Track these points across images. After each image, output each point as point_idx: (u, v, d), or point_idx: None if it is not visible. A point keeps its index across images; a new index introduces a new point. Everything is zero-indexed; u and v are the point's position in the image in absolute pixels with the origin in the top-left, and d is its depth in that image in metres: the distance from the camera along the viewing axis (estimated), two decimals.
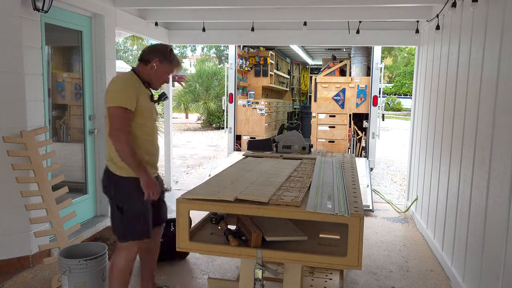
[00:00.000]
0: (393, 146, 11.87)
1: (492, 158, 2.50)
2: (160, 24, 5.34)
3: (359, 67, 7.46)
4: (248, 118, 7.54)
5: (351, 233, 1.67)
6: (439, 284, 3.22)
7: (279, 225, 2.01)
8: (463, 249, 2.98)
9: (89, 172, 4.19)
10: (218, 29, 5.52)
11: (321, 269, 2.84)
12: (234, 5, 4.24)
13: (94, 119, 4.21)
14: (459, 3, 3.28)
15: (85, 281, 2.61)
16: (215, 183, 2.21)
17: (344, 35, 5.21)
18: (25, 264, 3.26)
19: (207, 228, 2.14)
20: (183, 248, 1.89)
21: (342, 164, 2.94)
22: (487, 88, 2.66)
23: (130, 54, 35.34)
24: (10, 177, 3.11)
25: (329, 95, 7.20)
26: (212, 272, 3.32)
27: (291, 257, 1.76)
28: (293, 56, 11.38)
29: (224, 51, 28.79)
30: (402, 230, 4.49)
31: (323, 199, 1.86)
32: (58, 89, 4.01)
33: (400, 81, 31.52)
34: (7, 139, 3.04)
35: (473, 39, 2.98)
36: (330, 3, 4.16)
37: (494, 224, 2.44)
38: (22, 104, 3.15)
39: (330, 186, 2.11)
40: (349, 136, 7.16)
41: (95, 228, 4.08)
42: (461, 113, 3.18)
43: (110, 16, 4.23)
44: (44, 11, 3.19)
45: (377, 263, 3.57)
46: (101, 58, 4.17)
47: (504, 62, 2.40)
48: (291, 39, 5.70)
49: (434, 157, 3.99)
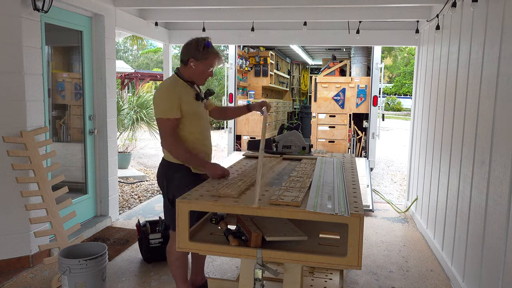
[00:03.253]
0: (393, 146, 11.88)
1: (492, 158, 2.50)
2: (160, 24, 5.35)
3: (359, 67, 7.46)
4: (248, 118, 7.54)
5: (351, 233, 1.66)
6: (439, 284, 3.22)
7: (279, 225, 2.01)
8: (463, 249, 2.98)
9: (89, 172, 4.19)
10: (218, 29, 5.52)
11: (321, 269, 2.84)
12: (234, 5, 4.24)
13: (94, 119, 4.21)
14: (459, 3, 3.28)
15: (85, 281, 2.61)
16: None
17: (344, 35, 5.22)
18: (25, 264, 3.26)
19: (207, 228, 2.14)
20: (183, 248, 1.89)
21: (343, 164, 2.94)
22: (487, 88, 2.66)
23: (130, 54, 35.33)
24: (10, 177, 3.11)
25: (329, 95, 7.20)
26: (212, 272, 3.32)
27: (291, 257, 1.76)
28: (293, 56, 11.38)
29: (224, 51, 28.78)
30: (402, 230, 4.49)
31: (323, 199, 1.86)
32: (58, 89, 4.01)
33: (400, 81, 31.53)
34: (7, 139, 3.04)
35: (473, 39, 2.98)
36: (330, 3, 4.16)
37: (494, 224, 2.44)
38: (22, 104, 3.15)
39: (330, 186, 2.11)
40: (349, 136, 7.16)
41: (95, 228, 4.08)
42: (461, 113, 3.18)
43: (110, 16, 4.23)
44: (44, 11, 3.19)
45: (377, 263, 3.57)
46: (101, 58, 4.17)
47: (504, 62, 2.40)
48: (291, 39, 5.70)
49: (434, 157, 3.99)
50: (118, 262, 3.45)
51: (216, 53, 2.46)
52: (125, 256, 3.58)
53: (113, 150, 4.41)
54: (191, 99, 2.43)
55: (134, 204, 5.31)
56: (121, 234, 4.09)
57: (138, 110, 7.93)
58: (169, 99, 2.35)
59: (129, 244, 3.84)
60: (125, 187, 6.16)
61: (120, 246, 3.79)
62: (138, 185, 6.33)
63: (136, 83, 14.48)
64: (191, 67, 2.42)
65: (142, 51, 32.99)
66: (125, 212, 4.93)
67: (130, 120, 7.77)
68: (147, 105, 8.09)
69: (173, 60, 6.26)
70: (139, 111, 7.92)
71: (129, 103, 8.24)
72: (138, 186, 6.27)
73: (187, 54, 2.43)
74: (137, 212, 4.93)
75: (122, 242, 3.89)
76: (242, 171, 2.56)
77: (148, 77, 15.44)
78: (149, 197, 5.67)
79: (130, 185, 6.30)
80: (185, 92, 2.41)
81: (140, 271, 3.31)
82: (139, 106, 7.98)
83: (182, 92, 2.40)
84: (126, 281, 3.13)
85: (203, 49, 2.41)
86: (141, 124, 8.00)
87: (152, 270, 3.31)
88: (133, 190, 5.96)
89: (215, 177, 2.35)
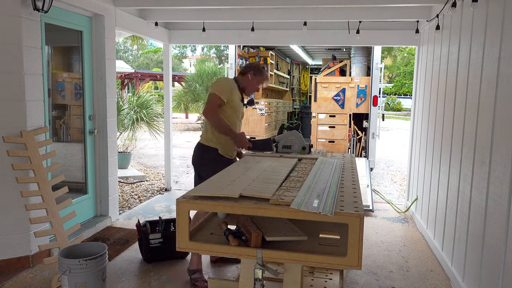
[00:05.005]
0: (393, 146, 11.88)
1: (492, 158, 2.50)
2: (160, 24, 5.34)
3: (359, 67, 7.46)
4: (248, 118, 7.54)
5: (351, 233, 1.66)
6: (439, 284, 3.22)
7: (279, 225, 2.01)
8: (463, 249, 2.98)
9: (89, 172, 4.19)
10: (218, 29, 5.52)
11: (321, 269, 2.84)
12: (234, 5, 4.24)
13: (94, 119, 4.21)
14: (459, 3, 3.28)
15: (85, 281, 2.61)
16: (216, 182, 2.21)
17: (344, 35, 5.21)
18: (25, 264, 3.26)
19: (207, 228, 2.14)
20: (183, 248, 1.89)
21: (342, 165, 2.94)
22: (487, 88, 2.66)
23: (130, 54, 35.35)
24: (10, 177, 3.11)
25: (329, 95, 7.20)
26: (212, 272, 3.32)
27: (291, 257, 1.76)
28: (293, 56, 11.38)
29: (224, 51, 28.77)
30: (402, 230, 4.49)
31: (311, 198, 1.86)
32: (58, 89, 4.01)
33: (400, 81, 31.54)
34: (7, 139, 3.04)
35: (473, 39, 2.98)
36: (330, 3, 4.16)
37: (494, 224, 2.44)
38: (22, 104, 3.15)
39: (322, 186, 2.11)
40: (349, 136, 7.16)
41: (95, 228, 4.08)
42: (461, 113, 3.18)
43: (110, 16, 4.23)
44: (44, 11, 3.19)
45: (377, 263, 3.57)
46: (101, 58, 4.17)
47: (504, 62, 2.40)
48: (291, 39, 5.70)
49: (434, 157, 3.99)
50: (118, 262, 3.45)
51: (267, 77, 3.23)
52: (125, 256, 3.58)
53: (113, 150, 4.41)
54: (237, 98, 3.12)
55: (134, 204, 5.31)
56: (121, 234, 4.09)
57: (138, 110, 7.93)
58: (226, 86, 3.08)
59: (129, 244, 3.84)
60: (125, 187, 6.16)
61: (120, 246, 3.79)
62: (138, 185, 6.33)
63: (136, 83, 14.49)
64: (248, 78, 3.16)
65: (142, 51, 33.02)
66: (125, 212, 4.93)
67: (130, 120, 7.77)
68: (147, 105, 8.09)
69: (173, 60, 6.26)
70: (139, 111, 7.92)
71: (129, 103, 8.24)
72: (138, 186, 6.27)
73: (249, 69, 3.17)
74: (137, 212, 4.93)
75: (122, 242, 3.89)
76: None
77: (148, 77, 15.45)
78: (149, 197, 5.67)
79: (130, 185, 6.30)
80: (235, 91, 3.12)
81: (140, 271, 3.31)
82: (139, 106, 7.98)
83: (234, 89, 3.12)
84: (126, 281, 3.13)
85: (262, 70, 3.18)
86: (141, 124, 8.00)
87: (152, 270, 3.32)
88: (133, 190, 5.96)
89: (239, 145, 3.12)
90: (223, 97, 3.01)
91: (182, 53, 33.52)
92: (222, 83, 3.12)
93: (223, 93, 3.01)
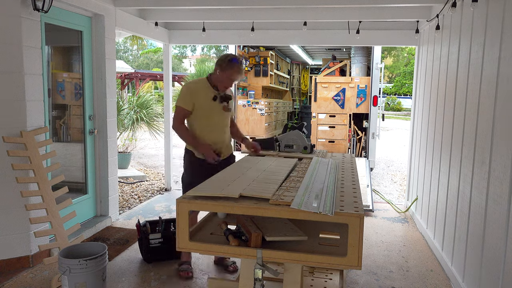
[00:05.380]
0: (393, 146, 11.88)
1: (492, 158, 2.50)
2: (160, 24, 5.34)
3: (359, 67, 7.46)
4: (248, 118, 7.55)
5: (351, 233, 1.66)
6: (439, 284, 3.22)
7: (279, 225, 2.01)
8: (463, 249, 2.98)
9: (89, 172, 4.19)
10: (218, 29, 5.52)
11: (321, 269, 2.84)
12: (234, 5, 4.24)
13: (94, 119, 4.21)
14: (459, 3, 3.28)
15: (85, 281, 2.61)
16: (216, 182, 2.21)
17: (344, 35, 5.21)
18: (25, 264, 3.26)
19: (207, 228, 2.14)
20: (183, 248, 1.89)
21: (342, 164, 2.94)
22: (487, 88, 2.66)
23: (130, 54, 35.33)
24: (10, 177, 3.11)
25: (329, 95, 7.20)
26: (212, 272, 3.33)
27: (291, 257, 1.76)
28: (293, 56, 11.38)
29: (224, 51, 28.79)
30: (402, 230, 4.49)
31: (310, 198, 1.86)
32: (58, 89, 4.01)
33: (400, 81, 31.55)
34: (7, 139, 3.04)
35: (473, 39, 2.98)
36: (330, 3, 4.16)
37: (494, 224, 2.44)
38: (22, 104, 3.15)
39: (320, 186, 2.11)
40: (349, 136, 7.17)
41: (95, 228, 4.08)
42: (461, 113, 3.18)
43: (110, 16, 4.23)
44: (44, 11, 3.19)
45: (377, 263, 3.57)
46: (101, 58, 4.17)
47: (504, 62, 2.40)
48: (291, 39, 5.70)
49: (434, 157, 3.99)
50: (118, 262, 3.45)
51: (239, 70, 2.97)
52: (125, 256, 3.58)
53: (113, 150, 4.41)
54: (207, 99, 3.01)
55: (134, 204, 5.31)
56: (121, 234, 4.09)
57: (138, 110, 7.92)
58: (186, 94, 3.01)
59: (129, 244, 3.84)
60: (125, 187, 6.16)
61: (120, 246, 3.79)
62: (138, 185, 6.33)
63: (136, 83, 14.48)
64: (216, 74, 3.01)
65: (142, 51, 33.01)
66: (125, 212, 4.93)
67: (130, 120, 7.76)
68: (147, 105, 8.09)
69: (173, 60, 6.26)
70: (139, 111, 7.91)
71: (129, 103, 8.23)
72: (138, 186, 6.27)
73: (216, 64, 3.00)
74: (137, 212, 4.93)
75: (122, 242, 3.89)
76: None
77: (148, 77, 15.43)
78: (149, 197, 5.67)
79: (130, 185, 6.30)
80: (203, 92, 3.02)
81: (140, 271, 3.31)
82: (139, 106, 7.98)
83: (200, 91, 3.02)
84: (126, 281, 3.13)
85: (228, 63, 2.95)
86: (141, 124, 7.99)
87: (152, 270, 3.31)
88: (133, 190, 5.96)
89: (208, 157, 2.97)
90: (185, 107, 2.99)
91: (182, 53, 33.51)
92: (182, 92, 3.06)
93: (184, 103, 2.99)
